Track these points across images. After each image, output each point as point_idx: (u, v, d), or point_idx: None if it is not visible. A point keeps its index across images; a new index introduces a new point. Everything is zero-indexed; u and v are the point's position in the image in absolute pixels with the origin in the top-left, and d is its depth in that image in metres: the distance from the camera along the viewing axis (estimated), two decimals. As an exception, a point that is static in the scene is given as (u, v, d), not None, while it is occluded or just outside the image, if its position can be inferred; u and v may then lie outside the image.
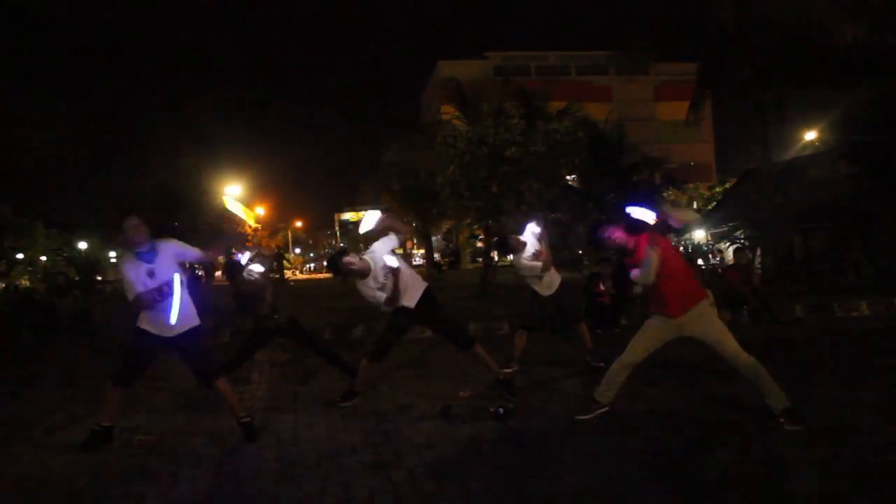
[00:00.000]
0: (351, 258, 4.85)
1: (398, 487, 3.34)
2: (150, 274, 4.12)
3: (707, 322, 4.18)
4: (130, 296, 4.12)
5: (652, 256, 4.08)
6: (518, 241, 6.14)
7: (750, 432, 3.95)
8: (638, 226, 4.26)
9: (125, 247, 4.19)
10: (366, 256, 4.91)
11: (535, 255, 6.10)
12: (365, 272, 4.84)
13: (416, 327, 5.96)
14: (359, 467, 3.67)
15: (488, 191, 17.07)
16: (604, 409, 4.38)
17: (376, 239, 5.02)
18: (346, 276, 4.95)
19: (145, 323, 4.22)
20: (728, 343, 4.13)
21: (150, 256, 4.15)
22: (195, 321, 4.33)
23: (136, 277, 4.10)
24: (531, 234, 6.20)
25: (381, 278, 4.86)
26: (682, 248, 27.56)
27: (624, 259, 4.40)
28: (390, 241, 4.92)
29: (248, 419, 4.40)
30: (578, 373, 6.07)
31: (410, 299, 4.98)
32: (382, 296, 4.87)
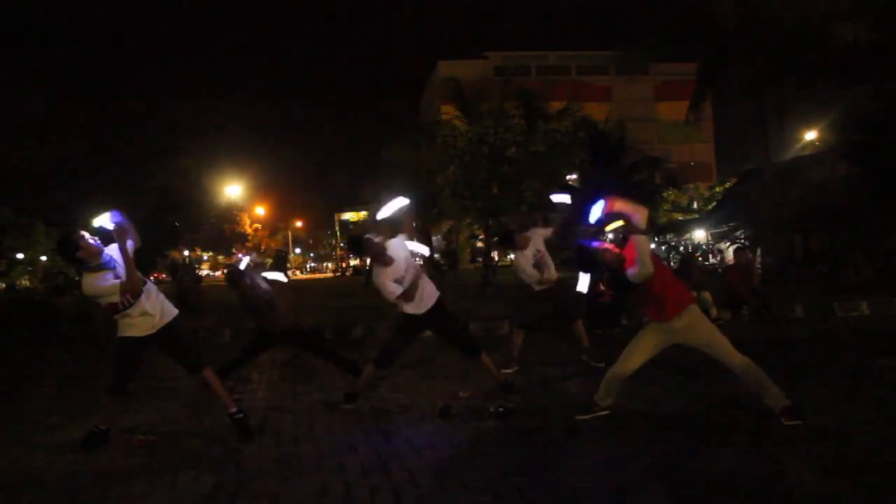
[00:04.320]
0: (376, 237, 4.76)
1: (398, 487, 3.34)
2: (118, 277, 4.08)
3: (699, 327, 4.20)
4: (115, 297, 4.07)
5: (640, 241, 4.05)
6: (525, 238, 6.13)
7: (750, 432, 3.95)
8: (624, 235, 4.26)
9: (85, 263, 4.07)
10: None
11: (536, 256, 6.11)
12: (388, 259, 4.78)
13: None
14: (359, 467, 3.67)
15: (488, 191, 17.08)
16: (604, 413, 4.38)
17: (389, 230, 4.98)
18: (369, 257, 4.84)
19: (125, 329, 4.21)
20: (721, 346, 4.13)
21: (111, 262, 4.10)
22: (173, 312, 4.35)
23: (106, 283, 4.05)
24: (539, 236, 6.21)
25: (401, 270, 4.82)
26: (681, 248, 27.56)
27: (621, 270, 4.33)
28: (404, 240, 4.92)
29: (242, 415, 4.40)
30: (578, 373, 6.07)
31: (423, 305, 4.96)
32: (399, 289, 4.79)
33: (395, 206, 4.91)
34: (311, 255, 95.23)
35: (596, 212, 4.28)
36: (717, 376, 5.11)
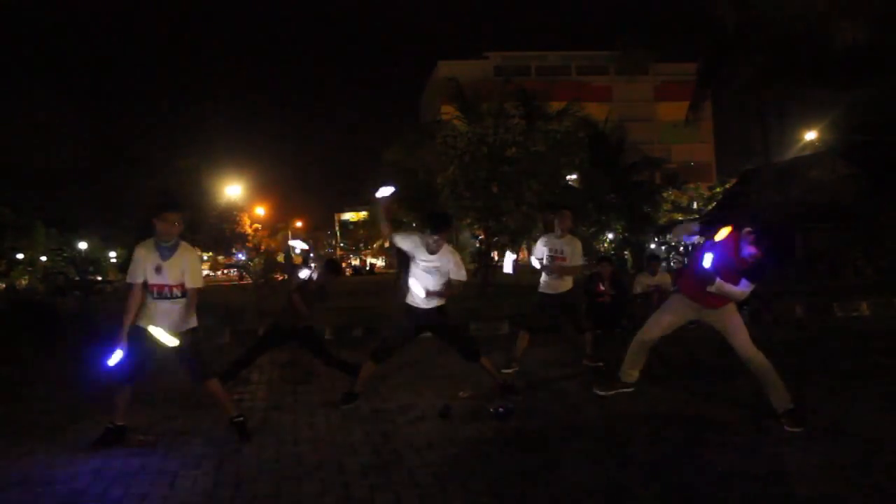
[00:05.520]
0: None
1: (398, 487, 3.34)
2: (158, 269, 4.15)
3: (727, 316, 4.20)
4: (129, 278, 4.19)
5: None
6: (554, 221, 6.26)
7: (750, 432, 3.95)
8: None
9: (155, 234, 4.22)
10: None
11: (552, 258, 6.13)
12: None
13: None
14: (359, 467, 3.67)
15: (488, 191, 17.08)
16: (628, 389, 4.36)
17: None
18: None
19: (143, 319, 4.20)
20: (741, 338, 4.14)
21: (167, 253, 4.18)
22: (191, 323, 4.29)
23: (142, 264, 4.15)
24: (554, 242, 6.22)
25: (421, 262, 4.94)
26: (681, 248, 27.50)
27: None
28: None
29: (242, 419, 4.39)
30: (578, 373, 6.07)
31: (429, 302, 5.02)
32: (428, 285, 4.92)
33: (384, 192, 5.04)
34: (311, 255, 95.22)
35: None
36: (717, 376, 5.12)
